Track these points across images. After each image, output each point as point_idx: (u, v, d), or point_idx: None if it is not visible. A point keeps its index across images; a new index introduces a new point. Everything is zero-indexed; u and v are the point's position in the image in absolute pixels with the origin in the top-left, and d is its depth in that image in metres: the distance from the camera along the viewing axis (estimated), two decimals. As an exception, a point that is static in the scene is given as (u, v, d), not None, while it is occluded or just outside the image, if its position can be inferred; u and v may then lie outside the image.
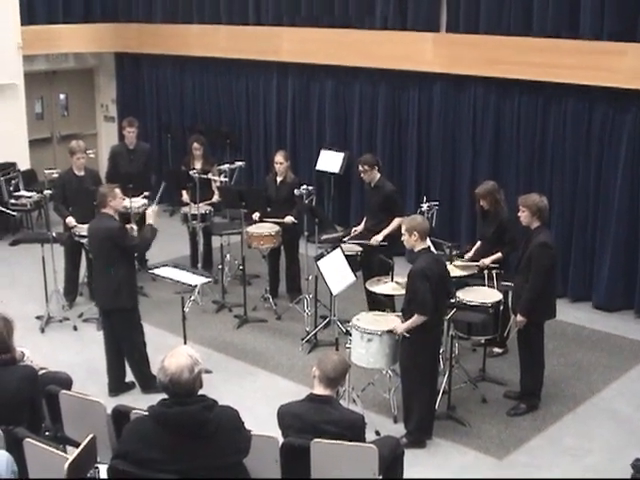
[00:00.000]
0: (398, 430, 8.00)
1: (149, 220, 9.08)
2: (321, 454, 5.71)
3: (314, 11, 13.59)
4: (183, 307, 9.05)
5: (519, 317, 8.26)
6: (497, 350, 9.72)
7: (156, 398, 4.89)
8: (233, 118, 15.37)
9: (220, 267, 11.79)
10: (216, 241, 12.08)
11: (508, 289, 8.93)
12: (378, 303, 9.56)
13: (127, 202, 10.90)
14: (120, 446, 4.95)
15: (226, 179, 11.82)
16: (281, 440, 5.86)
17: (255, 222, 11.09)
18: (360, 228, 10.60)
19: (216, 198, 11.99)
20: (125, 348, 8.95)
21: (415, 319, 7.64)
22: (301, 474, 5.83)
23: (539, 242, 8.15)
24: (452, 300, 8.30)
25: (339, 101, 13.71)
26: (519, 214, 8.39)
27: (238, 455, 4.88)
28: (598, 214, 11.06)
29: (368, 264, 10.13)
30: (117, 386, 8.99)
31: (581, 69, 10.54)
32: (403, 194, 12.43)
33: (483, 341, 9.21)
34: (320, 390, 5.97)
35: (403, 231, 7.88)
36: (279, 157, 11.15)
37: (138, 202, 11.63)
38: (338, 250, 9.39)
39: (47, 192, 10.72)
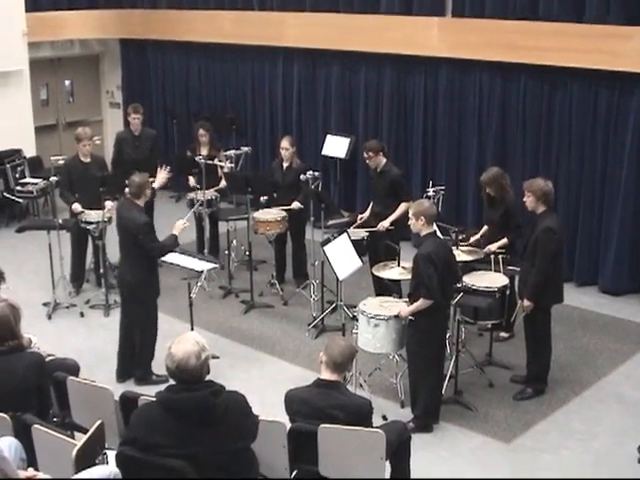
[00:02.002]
0: (405, 415, 8.01)
1: (175, 231, 8.94)
2: (328, 439, 5.74)
3: (319, -4, 13.58)
4: (190, 293, 9.09)
5: (526, 302, 8.25)
6: (504, 335, 9.72)
7: (164, 384, 4.91)
8: (239, 104, 15.35)
9: (226, 253, 11.80)
10: (222, 227, 12.10)
11: (514, 274, 8.93)
12: (385, 288, 9.58)
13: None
14: (128, 432, 4.97)
15: (232, 165, 11.81)
16: (288, 425, 5.89)
17: (262, 205, 11.11)
18: (366, 215, 10.58)
19: (223, 184, 11.97)
20: (136, 337, 8.94)
21: (420, 303, 7.64)
22: (308, 459, 5.85)
23: (544, 227, 8.14)
24: (458, 285, 8.30)
25: (345, 86, 13.68)
26: (524, 199, 8.39)
27: (245, 440, 4.91)
28: (604, 198, 11.04)
29: (374, 249, 10.13)
30: (126, 372, 9.01)
31: (587, 53, 10.50)
32: (409, 179, 12.44)
33: (490, 326, 9.21)
34: (327, 375, 5.99)
35: (410, 215, 7.87)
36: (285, 143, 11.14)
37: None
38: (344, 235, 9.38)
39: (53, 179, 10.72)
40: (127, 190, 8.97)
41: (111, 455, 5.37)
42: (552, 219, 8.30)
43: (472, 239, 9.62)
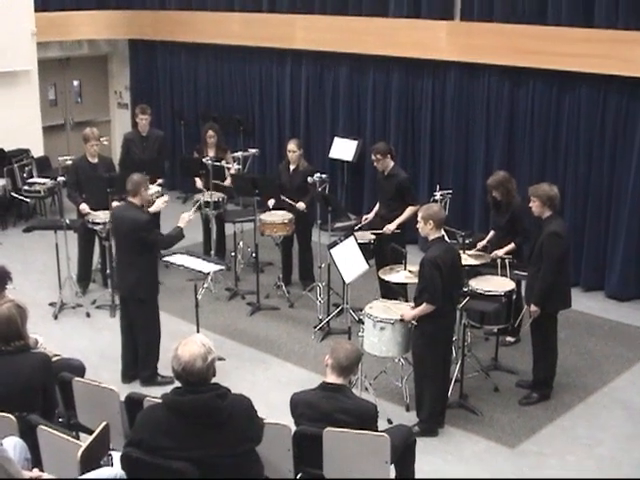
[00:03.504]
0: (410, 418, 8.01)
1: (181, 223, 9.01)
2: (333, 443, 5.73)
3: (328, -1, 13.58)
4: (196, 294, 9.09)
5: (532, 307, 8.23)
6: (510, 339, 9.71)
7: (170, 386, 4.90)
8: (246, 106, 15.36)
9: (233, 254, 11.80)
10: (229, 228, 12.10)
11: (521, 278, 8.93)
12: (391, 291, 9.57)
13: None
14: (133, 434, 4.97)
15: (239, 166, 11.81)
16: (293, 428, 5.89)
17: (269, 209, 11.12)
18: (370, 216, 10.58)
19: (228, 183, 11.95)
20: (139, 338, 8.94)
21: (424, 307, 7.64)
22: (313, 462, 5.85)
23: (550, 232, 8.13)
24: (464, 289, 8.28)
25: (353, 89, 13.68)
26: (530, 204, 8.37)
27: (250, 443, 4.91)
28: (611, 203, 11.03)
29: (381, 252, 10.12)
30: (130, 373, 9.01)
31: (595, 58, 10.49)
32: (416, 182, 12.44)
33: (496, 330, 9.19)
34: (333, 378, 5.98)
35: (419, 219, 7.85)
36: (292, 145, 11.13)
37: (151, 189, 11.63)
38: (351, 238, 9.37)
39: (61, 179, 10.73)
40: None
41: (116, 456, 5.37)
42: (558, 223, 8.28)
43: (479, 245, 9.61)
